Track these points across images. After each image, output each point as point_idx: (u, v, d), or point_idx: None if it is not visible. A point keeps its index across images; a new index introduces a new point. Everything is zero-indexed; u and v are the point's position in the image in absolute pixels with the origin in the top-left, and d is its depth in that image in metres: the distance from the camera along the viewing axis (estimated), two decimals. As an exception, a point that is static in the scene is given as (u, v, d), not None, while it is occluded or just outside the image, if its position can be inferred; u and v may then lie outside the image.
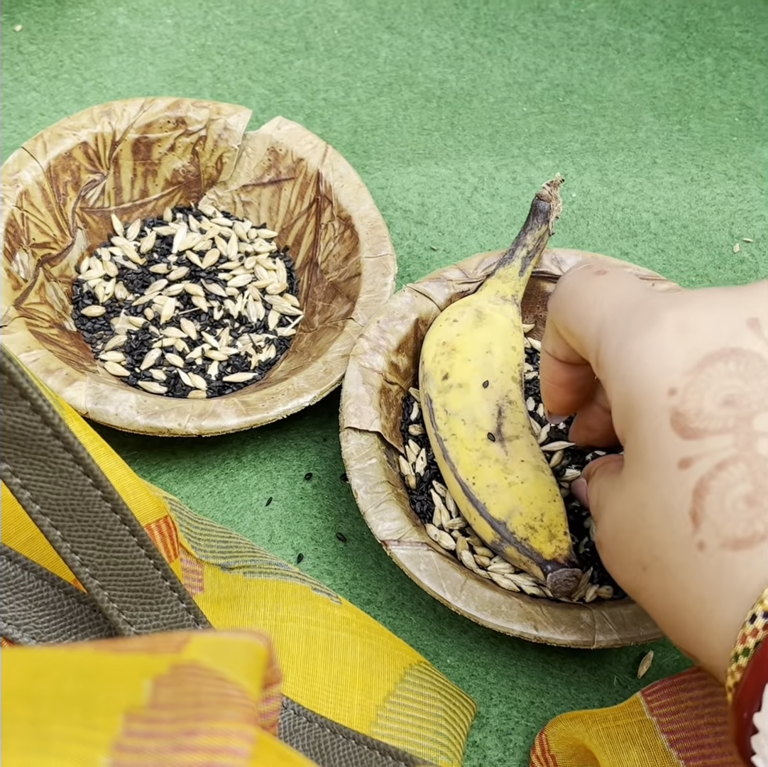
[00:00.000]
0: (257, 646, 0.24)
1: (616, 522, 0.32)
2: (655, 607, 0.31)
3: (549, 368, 0.39)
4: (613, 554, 0.33)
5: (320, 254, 0.55)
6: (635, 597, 0.32)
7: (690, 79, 0.70)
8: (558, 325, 0.35)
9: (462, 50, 0.70)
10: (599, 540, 0.34)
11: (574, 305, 0.34)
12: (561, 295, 0.35)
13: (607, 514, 0.33)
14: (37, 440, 0.31)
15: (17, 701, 0.20)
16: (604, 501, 0.33)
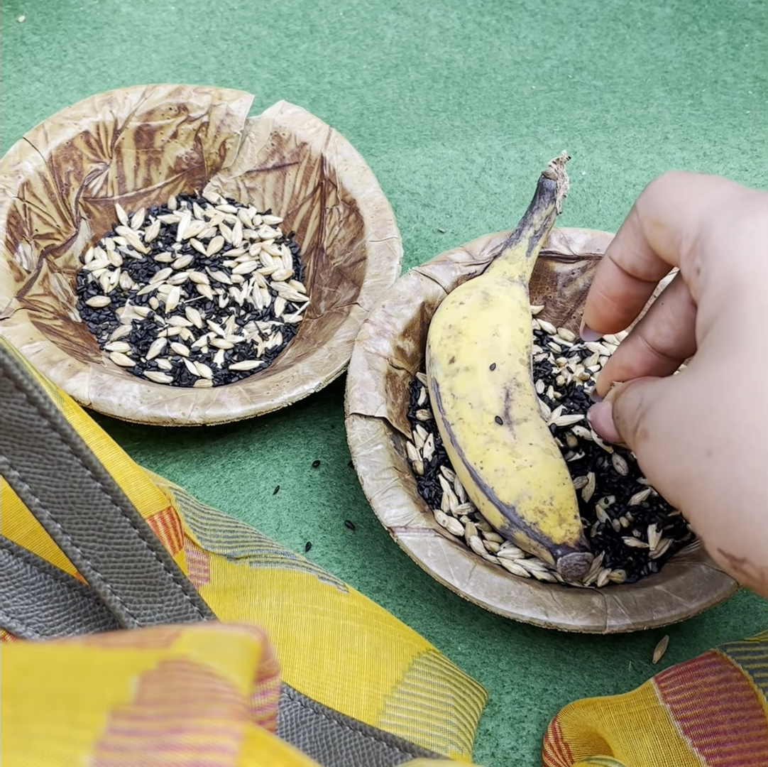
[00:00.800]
0: (250, 640, 0.23)
1: (681, 408, 0.30)
2: (709, 498, 0.29)
3: (607, 278, 0.38)
4: (666, 443, 0.31)
5: (326, 239, 0.54)
6: (683, 490, 0.30)
7: (702, 52, 0.68)
8: (645, 219, 0.34)
9: (469, 29, 0.69)
10: (645, 432, 0.32)
11: (674, 194, 0.33)
12: (657, 187, 0.34)
13: (663, 404, 0.31)
14: (34, 433, 0.30)
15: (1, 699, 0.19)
16: (656, 395, 0.32)
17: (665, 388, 0.32)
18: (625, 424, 0.35)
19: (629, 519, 0.45)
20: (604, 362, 0.49)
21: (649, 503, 0.45)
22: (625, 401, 0.35)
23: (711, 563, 0.42)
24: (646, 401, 0.33)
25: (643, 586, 0.42)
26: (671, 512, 0.45)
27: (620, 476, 0.46)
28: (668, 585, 0.42)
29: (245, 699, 0.21)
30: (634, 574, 0.44)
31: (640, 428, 0.33)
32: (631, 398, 0.34)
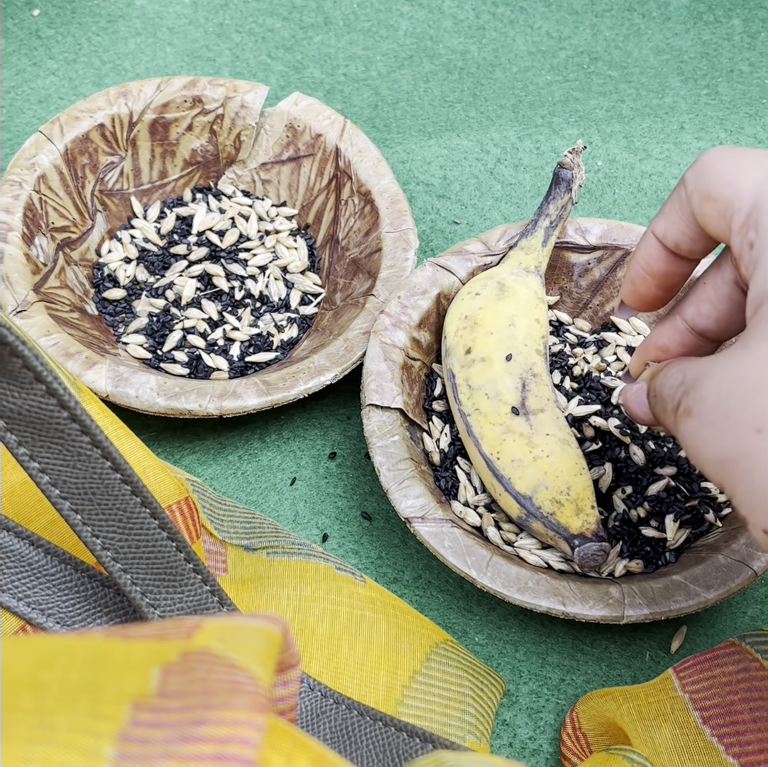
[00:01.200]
0: (271, 631, 0.23)
1: (730, 384, 0.30)
2: (756, 476, 0.29)
3: (648, 254, 0.37)
4: (712, 419, 0.30)
5: (341, 231, 0.54)
6: (728, 468, 0.30)
7: (718, 41, 0.68)
8: (694, 193, 0.34)
9: (483, 20, 0.69)
10: (689, 408, 0.31)
11: (725, 167, 0.33)
12: (707, 161, 0.34)
13: (710, 380, 0.31)
14: (54, 424, 0.31)
15: (23, 691, 0.20)
16: (702, 371, 0.32)
17: (712, 364, 0.31)
18: (664, 402, 0.34)
19: (646, 509, 0.45)
20: (620, 353, 0.49)
21: (667, 493, 0.45)
22: (665, 378, 0.34)
23: (729, 553, 0.42)
24: (689, 378, 0.32)
25: (661, 576, 0.42)
26: (689, 502, 0.45)
27: (637, 466, 0.46)
28: (686, 574, 0.41)
29: (267, 690, 0.21)
30: (651, 564, 0.44)
31: (683, 406, 0.32)
32: (673, 376, 0.34)
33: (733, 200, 0.32)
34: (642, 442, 0.46)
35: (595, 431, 0.47)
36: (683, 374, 0.33)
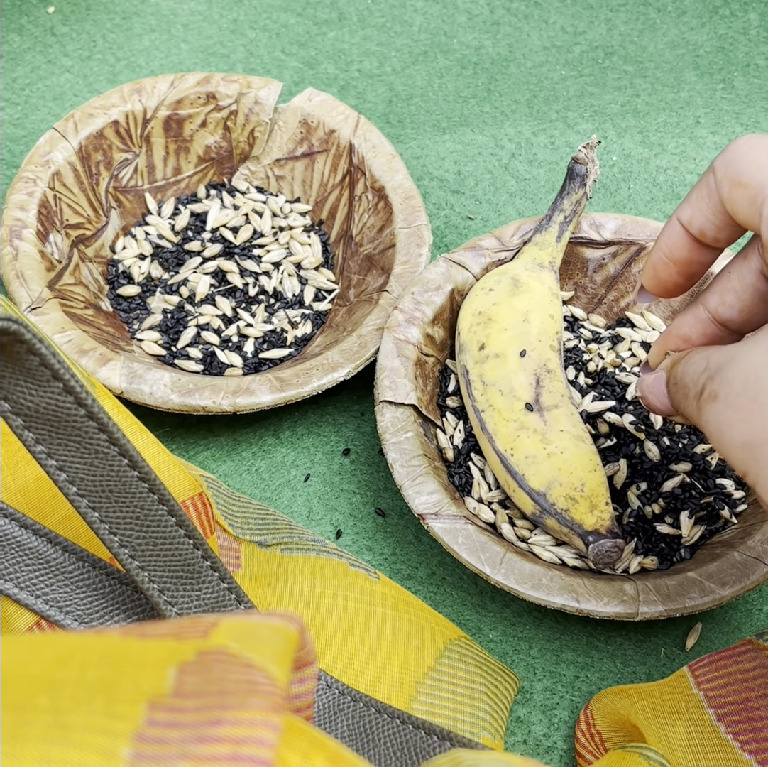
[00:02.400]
0: (288, 630, 0.23)
1: (758, 367, 0.30)
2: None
3: (672, 241, 0.37)
4: (738, 403, 0.30)
5: (355, 227, 0.54)
6: (754, 452, 0.30)
7: (734, 36, 0.68)
8: (724, 180, 0.34)
9: (498, 15, 0.68)
10: (714, 393, 0.31)
11: (757, 153, 0.33)
12: (738, 148, 0.34)
13: (737, 364, 0.31)
14: (71, 422, 0.31)
15: (39, 690, 0.20)
16: (727, 357, 0.32)
17: (738, 350, 0.31)
18: (686, 388, 0.34)
19: (661, 506, 0.45)
20: (635, 349, 0.49)
21: (682, 489, 0.45)
22: (687, 365, 0.34)
23: (744, 550, 0.42)
24: (713, 364, 0.32)
25: (676, 573, 0.42)
26: (704, 498, 0.45)
27: (652, 462, 0.46)
28: (701, 571, 0.41)
29: (283, 690, 0.21)
30: (666, 561, 0.44)
31: (707, 391, 0.32)
32: (696, 362, 0.34)
33: (763, 186, 0.32)
34: (657, 438, 0.46)
35: (610, 428, 0.46)
36: (707, 360, 0.33)
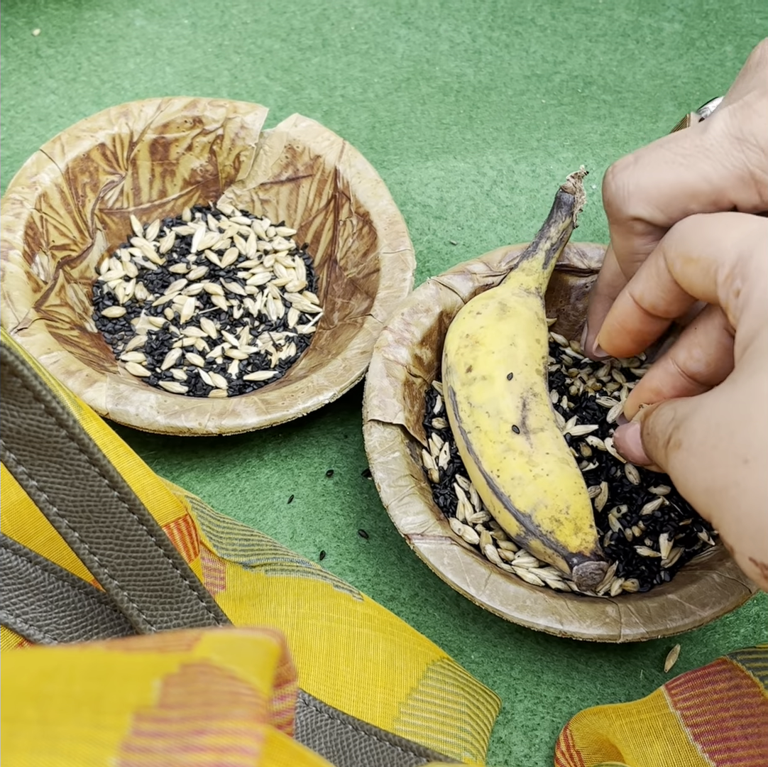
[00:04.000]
0: (270, 643, 0.24)
1: (719, 417, 0.31)
2: (743, 505, 0.30)
3: (625, 313, 0.40)
4: (701, 451, 0.32)
5: (339, 251, 0.55)
6: (716, 497, 0.31)
7: (710, 67, 0.69)
8: (676, 259, 0.36)
9: (480, 43, 0.69)
10: (679, 442, 0.33)
11: (705, 230, 0.35)
12: (684, 229, 0.36)
13: (700, 414, 0.32)
14: (52, 443, 0.31)
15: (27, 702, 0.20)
16: (691, 408, 0.33)
17: (701, 400, 0.33)
18: (656, 438, 0.36)
19: (641, 528, 0.45)
20: (614, 374, 0.50)
21: (661, 512, 0.46)
22: (657, 416, 0.36)
23: (723, 571, 0.42)
24: (679, 415, 0.34)
25: (656, 595, 0.42)
26: (682, 520, 0.45)
27: (632, 485, 0.46)
28: (681, 593, 0.42)
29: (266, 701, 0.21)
30: (647, 583, 0.44)
31: (673, 439, 0.34)
32: (664, 413, 0.36)
33: (716, 257, 0.34)
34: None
35: (592, 451, 0.47)
36: (674, 411, 0.35)
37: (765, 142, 0.37)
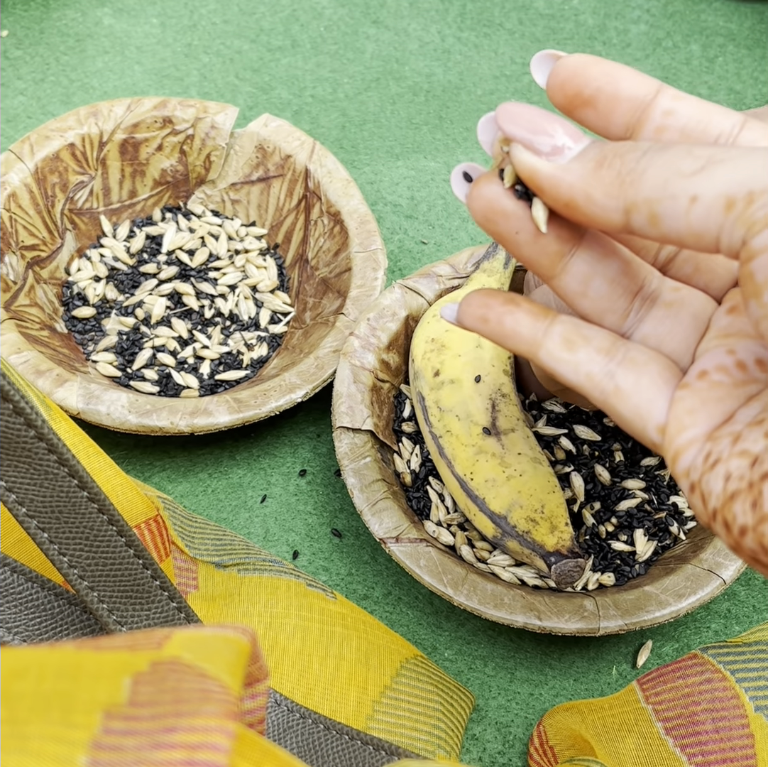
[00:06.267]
0: (240, 641, 0.24)
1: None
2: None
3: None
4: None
5: (310, 251, 0.55)
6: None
7: (677, 66, 0.69)
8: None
9: (449, 43, 0.70)
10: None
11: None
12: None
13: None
14: (21, 443, 0.31)
15: (-5, 701, 0.20)
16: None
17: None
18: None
19: (614, 524, 0.45)
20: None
21: (637, 508, 0.46)
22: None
23: (697, 563, 0.43)
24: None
25: (633, 588, 0.43)
26: (657, 514, 0.46)
27: (603, 484, 0.46)
28: (657, 585, 0.42)
29: (236, 699, 0.21)
30: (623, 577, 0.45)
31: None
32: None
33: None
34: (605, 461, 0.47)
35: (567, 455, 0.47)
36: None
37: None
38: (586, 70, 0.27)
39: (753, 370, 0.26)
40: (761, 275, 0.22)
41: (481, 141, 0.29)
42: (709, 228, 0.23)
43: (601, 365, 0.28)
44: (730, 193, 0.23)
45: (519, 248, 0.28)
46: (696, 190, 0.23)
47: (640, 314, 0.29)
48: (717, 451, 0.25)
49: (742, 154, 0.23)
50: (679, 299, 0.29)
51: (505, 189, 0.27)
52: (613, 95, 0.27)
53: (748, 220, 0.22)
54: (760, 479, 0.23)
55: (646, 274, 0.29)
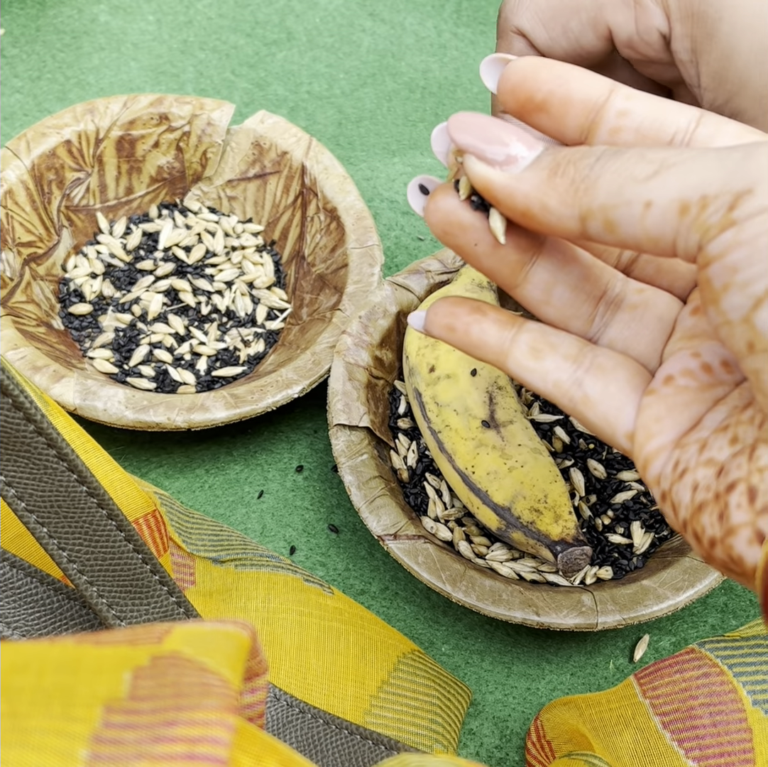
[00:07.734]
0: (240, 636, 0.24)
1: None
2: None
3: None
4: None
5: (307, 247, 0.55)
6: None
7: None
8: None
9: (445, 38, 0.70)
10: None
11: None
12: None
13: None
14: (20, 437, 0.31)
15: (-4, 695, 0.20)
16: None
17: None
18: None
19: (610, 517, 0.46)
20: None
21: (633, 500, 0.46)
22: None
23: (694, 555, 0.43)
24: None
25: (630, 582, 0.43)
26: (653, 506, 0.46)
27: (598, 478, 0.46)
28: (654, 579, 0.42)
29: (236, 692, 0.21)
30: (620, 570, 0.45)
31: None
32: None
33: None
34: (601, 454, 0.47)
35: (564, 446, 0.47)
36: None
37: None
38: (536, 73, 0.27)
39: (719, 372, 0.26)
40: (718, 282, 0.22)
41: (436, 152, 0.28)
42: (665, 233, 0.23)
43: (568, 373, 0.28)
44: (684, 197, 0.22)
45: (479, 260, 0.28)
46: (650, 195, 0.23)
47: (606, 319, 0.29)
48: (684, 459, 0.25)
49: (695, 156, 0.23)
50: (644, 301, 0.29)
51: (461, 201, 0.27)
52: (565, 98, 0.26)
53: (703, 225, 0.22)
54: (725, 491, 0.23)
55: (609, 278, 0.29)
